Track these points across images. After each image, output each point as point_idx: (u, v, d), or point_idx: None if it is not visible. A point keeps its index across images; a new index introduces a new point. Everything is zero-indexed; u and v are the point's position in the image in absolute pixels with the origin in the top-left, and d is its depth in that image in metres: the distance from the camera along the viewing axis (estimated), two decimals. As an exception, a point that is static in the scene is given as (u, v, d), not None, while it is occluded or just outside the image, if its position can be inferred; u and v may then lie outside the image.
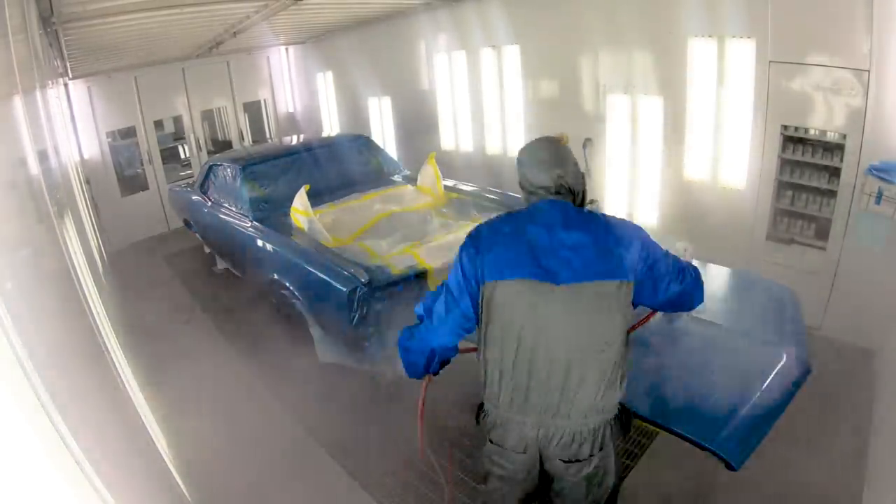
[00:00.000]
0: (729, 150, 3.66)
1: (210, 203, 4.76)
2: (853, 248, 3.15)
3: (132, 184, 7.02)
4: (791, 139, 3.36)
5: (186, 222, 5.69)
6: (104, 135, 6.59)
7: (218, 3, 3.95)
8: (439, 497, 2.49)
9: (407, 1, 5.13)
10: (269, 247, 3.74)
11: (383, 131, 6.86)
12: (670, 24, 3.66)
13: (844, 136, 3.09)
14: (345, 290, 2.94)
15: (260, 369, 3.64)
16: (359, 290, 2.93)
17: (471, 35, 5.13)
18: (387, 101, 6.65)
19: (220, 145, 8.10)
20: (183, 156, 8.11)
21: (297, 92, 8.34)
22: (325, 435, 2.94)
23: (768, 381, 1.97)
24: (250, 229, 4.01)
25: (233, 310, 4.57)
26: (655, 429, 2.02)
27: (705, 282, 1.64)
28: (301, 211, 3.61)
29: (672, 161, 3.99)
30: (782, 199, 3.51)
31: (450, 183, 4.41)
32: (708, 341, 2.22)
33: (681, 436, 1.86)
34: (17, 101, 1.57)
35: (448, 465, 2.10)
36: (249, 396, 3.39)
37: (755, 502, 2.30)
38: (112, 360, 1.74)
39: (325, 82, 7.69)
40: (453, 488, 2.36)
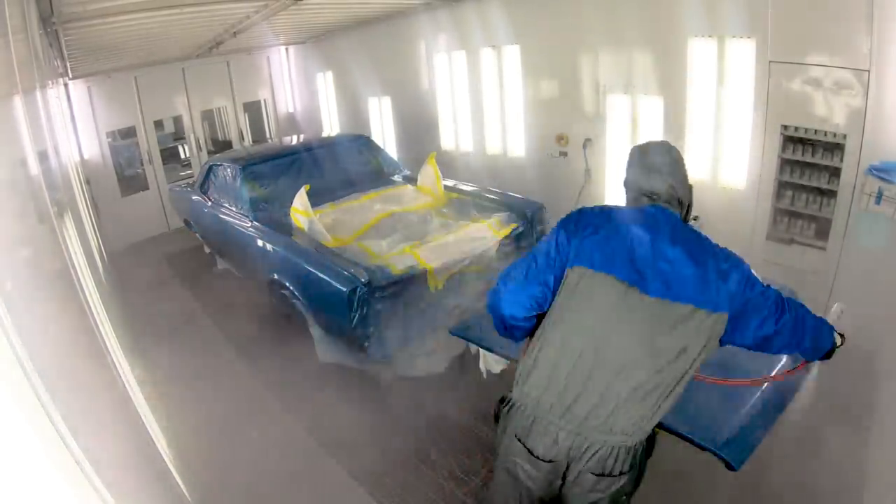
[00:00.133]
0: (729, 150, 3.66)
1: (210, 203, 4.77)
2: (853, 248, 3.15)
3: (132, 184, 7.02)
4: (791, 139, 3.36)
5: (186, 222, 5.69)
6: (104, 135, 6.59)
7: (218, 3, 3.95)
8: (439, 496, 2.49)
9: (407, 1, 5.13)
10: (269, 247, 3.74)
11: (383, 131, 6.86)
12: (670, 24, 3.66)
13: (844, 136, 3.09)
14: (345, 290, 2.94)
15: (260, 369, 3.64)
16: (359, 290, 2.94)
17: (471, 35, 5.12)
18: (387, 101, 6.65)
19: (221, 145, 8.10)
20: (183, 156, 8.11)
21: (297, 92, 8.33)
22: (325, 435, 2.94)
23: (768, 382, 1.97)
24: (250, 229, 4.01)
25: (233, 310, 4.57)
26: (655, 429, 2.02)
27: None
28: (301, 211, 3.62)
29: (672, 161, 3.98)
30: (782, 199, 3.50)
31: (450, 183, 4.41)
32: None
33: (681, 436, 1.86)
34: (17, 101, 1.57)
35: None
36: (249, 396, 3.39)
37: (755, 502, 2.30)
38: (112, 360, 1.73)
39: (325, 82, 7.68)
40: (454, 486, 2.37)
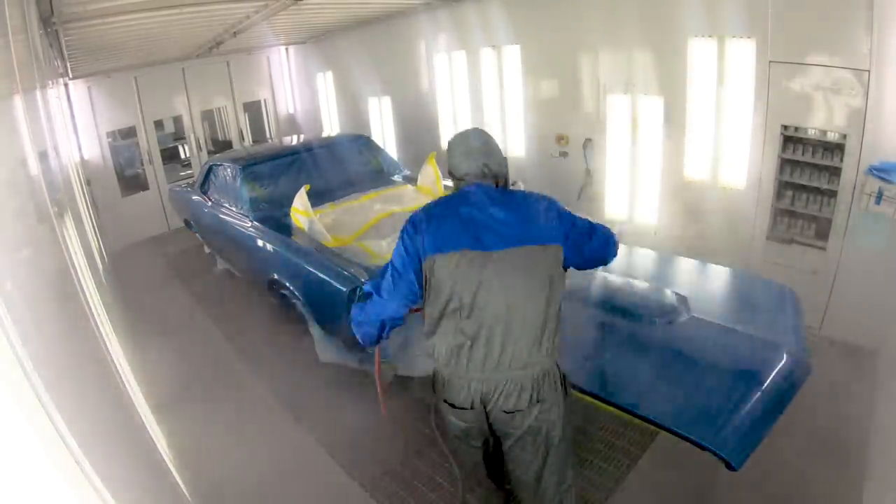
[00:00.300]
0: (729, 150, 3.66)
1: (210, 203, 4.76)
2: (853, 248, 3.15)
3: (132, 184, 7.02)
4: (791, 139, 3.36)
5: (186, 222, 5.69)
6: (104, 135, 6.58)
7: (218, 3, 3.95)
8: (438, 496, 2.49)
9: (407, 1, 5.13)
10: (269, 247, 3.74)
11: (383, 131, 6.86)
12: (670, 24, 3.66)
13: (844, 136, 3.09)
14: (345, 290, 2.94)
15: (260, 369, 3.64)
16: (359, 290, 2.93)
17: (471, 35, 5.12)
18: (387, 101, 6.65)
19: (221, 145, 8.10)
20: (183, 156, 8.11)
21: (297, 92, 8.33)
22: (325, 435, 2.94)
23: (768, 381, 1.98)
24: (250, 229, 4.01)
25: (233, 310, 4.57)
26: (655, 429, 2.02)
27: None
28: (301, 211, 3.61)
29: (672, 161, 3.99)
30: (782, 199, 3.51)
31: (450, 183, 4.40)
32: (708, 341, 2.22)
33: (681, 436, 1.86)
34: (18, 101, 1.57)
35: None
36: (249, 396, 3.39)
37: (755, 502, 2.30)
38: (112, 360, 1.74)
39: (325, 82, 7.68)
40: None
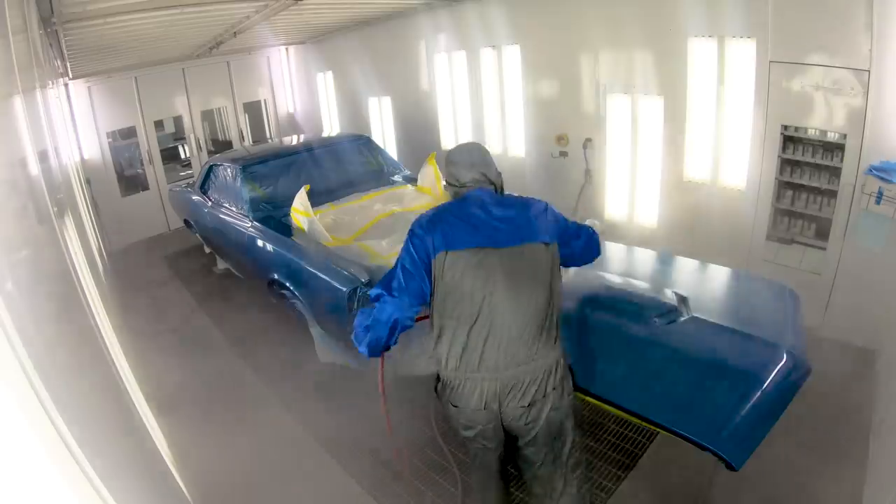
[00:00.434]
0: (729, 150, 3.66)
1: (210, 203, 4.76)
2: (853, 248, 3.15)
3: (132, 184, 7.02)
4: (791, 139, 3.36)
5: (186, 222, 5.69)
6: (104, 135, 6.59)
7: (218, 3, 3.95)
8: (439, 497, 2.49)
9: (407, 1, 5.13)
10: (269, 247, 3.74)
11: (383, 131, 6.86)
12: (670, 24, 3.66)
13: (844, 136, 3.09)
14: (345, 290, 2.94)
15: (259, 369, 3.64)
16: (359, 290, 2.93)
17: (471, 35, 5.12)
18: (387, 101, 6.65)
19: (221, 145, 8.11)
20: (183, 156, 8.12)
21: (297, 92, 8.33)
22: (325, 434, 2.94)
23: (768, 381, 1.97)
24: (250, 229, 4.01)
25: (232, 310, 4.57)
26: (655, 429, 2.02)
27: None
28: (301, 211, 3.61)
29: (672, 161, 3.99)
30: (782, 199, 3.51)
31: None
32: (708, 341, 2.22)
33: (681, 436, 1.86)
34: (18, 101, 1.57)
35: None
36: (249, 396, 3.39)
37: (755, 502, 2.30)
38: (112, 360, 1.74)
39: (325, 82, 7.68)
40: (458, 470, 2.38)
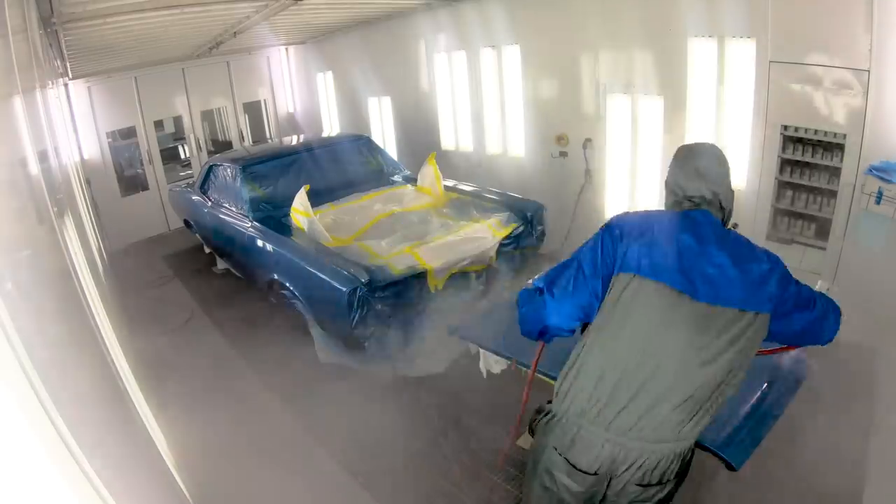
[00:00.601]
0: (729, 150, 3.64)
1: (210, 203, 4.77)
2: (853, 248, 3.15)
3: (132, 184, 7.02)
4: (791, 139, 3.35)
5: (186, 222, 5.69)
6: (104, 135, 6.59)
7: (218, 3, 3.95)
8: (438, 497, 2.49)
9: (407, 1, 5.13)
10: (269, 247, 3.74)
11: (383, 131, 6.86)
12: (670, 24, 3.66)
13: (844, 136, 3.09)
14: (345, 290, 2.95)
15: (259, 369, 3.64)
16: (359, 290, 2.94)
17: (471, 35, 5.12)
18: (387, 101, 6.64)
19: (220, 145, 8.10)
20: (183, 156, 8.11)
21: (297, 92, 8.33)
22: (325, 434, 2.94)
23: (768, 382, 1.97)
24: (250, 229, 4.01)
25: (233, 310, 4.57)
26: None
27: None
28: (301, 211, 3.62)
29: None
30: (782, 199, 3.50)
31: (450, 183, 4.41)
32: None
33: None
34: (17, 101, 1.57)
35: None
36: (249, 396, 3.39)
37: (755, 502, 2.30)
38: (112, 360, 1.73)
39: (325, 82, 7.68)
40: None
